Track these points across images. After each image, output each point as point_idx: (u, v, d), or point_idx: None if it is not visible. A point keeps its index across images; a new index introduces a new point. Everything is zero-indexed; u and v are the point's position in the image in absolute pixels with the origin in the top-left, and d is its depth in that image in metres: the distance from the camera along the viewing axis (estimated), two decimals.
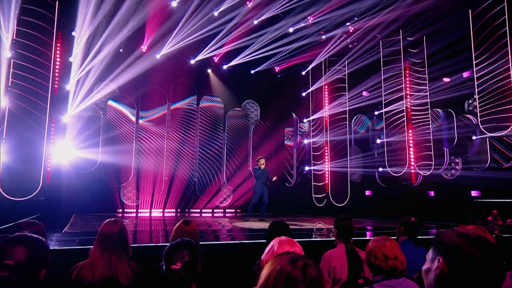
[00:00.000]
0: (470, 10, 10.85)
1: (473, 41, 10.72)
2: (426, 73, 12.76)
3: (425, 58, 12.73)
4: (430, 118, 12.76)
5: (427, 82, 12.75)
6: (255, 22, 12.04)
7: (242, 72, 14.88)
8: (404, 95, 12.95)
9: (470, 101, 12.83)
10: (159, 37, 12.51)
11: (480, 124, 10.52)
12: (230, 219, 11.70)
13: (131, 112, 13.47)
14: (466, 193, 12.61)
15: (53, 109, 10.13)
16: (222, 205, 14.94)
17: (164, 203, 13.68)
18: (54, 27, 9.98)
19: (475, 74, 10.62)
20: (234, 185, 15.00)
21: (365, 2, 11.46)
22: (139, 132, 13.55)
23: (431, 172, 12.65)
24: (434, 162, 12.56)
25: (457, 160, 13.61)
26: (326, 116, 14.37)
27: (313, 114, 15.01)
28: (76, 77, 11.59)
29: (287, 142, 16.35)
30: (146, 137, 13.61)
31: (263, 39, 12.90)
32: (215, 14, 11.56)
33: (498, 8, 10.11)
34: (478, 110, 10.54)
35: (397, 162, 13.02)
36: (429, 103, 12.72)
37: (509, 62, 9.76)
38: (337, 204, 13.81)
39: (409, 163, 12.83)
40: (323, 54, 13.92)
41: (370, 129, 15.37)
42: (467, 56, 11.08)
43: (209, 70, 14.87)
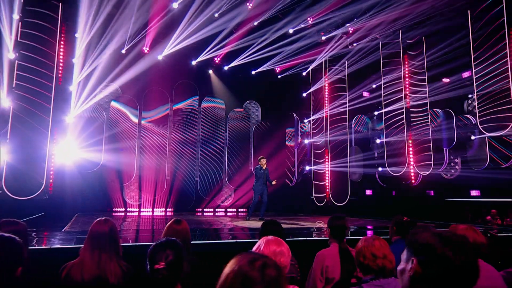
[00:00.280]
0: (469, 11, 10.77)
1: (472, 41, 10.64)
2: (426, 73, 12.68)
3: (424, 58, 12.66)
4: (429, 118, 12.67)
5: (427, 84, 12.67)
6: (256, 23, 11.99)
7: (243, 73, 14.84)
8: (403, 96, 12.88)
9: (470, 101, 12.75)
10: (161, 38, 12.49)
11: (479, 124, 10.44)
12: (231, 218, 11.67)
13: (134, 112, 13.46)
14: (466, 192, 12.53)
15: (56, 109, 10.12)
16: (224, 204, 14.91)
17: (166, 203, 13.66)
18: (57, 29, 10.00)
19: (474, 75, 10.54)
20: (236, 184, 14.97)
21: (364, 4, 11.40)
22: (142, 132, 13.54)
23: (431, 172, 12.57)
24: (433, 162, 12.47)
25: (456, 160, 13.54)
26: (327, 116, 14.29)
27: (313, 114, 14.94)
28: (79, 78, 11.60)
29: (288, 142, 16.32)
30: (148, 137, 13.60)
31: (264, 40, 12.86)
32: (216, 15, 11.52)
33: (497, 8, 10.03)
34: (477, 110, 10.46)
35: (396, 162, 12.94)
36: (428, 103, 12.64)
37: (507, 63, 9.68)
38: (337, 203, 13.74)
39: (408, 163, 12.75)
40: (324, 55, 13.85)
41: (370, 129, 15.31)
42: (467, 56, 11.01)
43: (210, 71, 14.85)
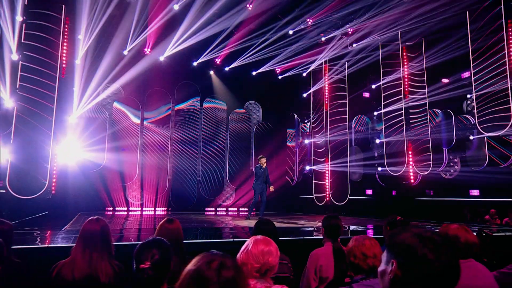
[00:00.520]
0: (468, 12, 10.71)
1: (470, 42, 10.58)
2: (425, 73, 12.63)
3: (423, 59, 12.60)
4: (428, 118, 12.61)
5: (426, 84, 12.61)
6: (255, 25, 11.96)
7: (244, 73, 14.81)
8: (403, 96, 12.81)
9: (469, 101, 12.67)
10: (162, 39, 12.49)
11: (477, 124, 10.37)
12: (233, 218, 11.64)
13: (136, 113, 13.46)
14: (465, 192, 12.46)
15: (59, 109, 10.13)
16: (225, 203, 14.89)
17: (168, 202, 13.65)
18: (60, 31, 10.02)
19: (473, 76, 10.48)
20: (237, 184, 14.95)
21: (362, 5, 11.37)
22: (144, 132, 13.53)
23: (430, 171, 12.51)
24: (432, 162, 12.41)
25: (455, 160, 13.47)
26: (327, 116, 14.24)
27: (314, 115, 14.89)
28: (81, 78, 11.61)
29: (289, 143, 16.29)
30: (150, 137, 13.59)
31: (264, 41, 12.83)
32: (216, 17, 11.51)
33: (496, 10, 9.98)
34: (476, 111, 10.40)
35: (396, 162, 12.89)
36: (427, 104, 12.58)
37: (506, 64, 9.62)
38: (337, 203, 13.69)
39: (407, 163, 12.69)
40: (324, 56, 13.81)
41: (370, 129, 15.25)
42: (466, 56, 10.95)
43: (211, 72, 14.82)
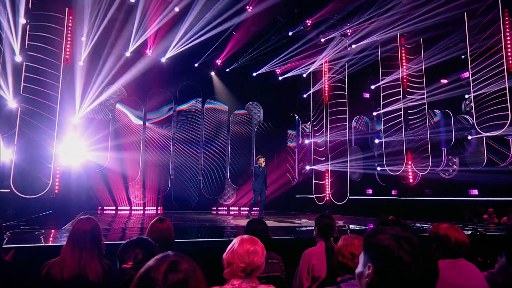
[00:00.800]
0: (466, 13, 10.63)
1: (468, 43, 10.51)
2: (424, 74, 12.56)
3: (422, 59, 12.53)
4: (427, 118, 12.54)
5: (424, 85, 12.55)
6: (254, 27, 11.94)
7: (245, 74, 14.79)
8: (402, 96, 12.74)
9: (467, 101, 12.59)
10: (164, 40, 12.48)
11: (475, 124, 10.30)
12: (233, 217, 11.62)
13: (138, 114, 13.46)
14: (464, 192, 12.38)
15: (62, 110, 10.16)
16: (226, 203, 14.88)
17: (169, 201, 13.63)
18: (63, 33, 10.06)
19: (471, 76, 10.42)
20: (238, 183, 14.92)
21: (361, 6, 11.32)
22: (146, 133, 13.53)
23: (429, 171, 12.43)
24: (431, 162, 12.33)
25: (454, 159, 13.39)
26: (327, 116, 14.19)
27: (314, 115, 14.85)
28: (84, 80, 11.64)
29: (290, 143, 16.25)
30: (152, 137, 13.59)
31: (264, 43, 12.80)
32: (216, 19, 11.46)
33: (494, 12, 9.92)
34: (474, 111, 10.33)
35: (394, 162, 12.82)
36: (426, 104, 12.51)
37: (503, 64, 9.56)
38: (337, 202, 13.63)
39: (406, 163, 12.62)
40: (323, 57, 13.77)
41: (369, 129, 15.19)
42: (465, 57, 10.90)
43: (212, 73, 14.82)
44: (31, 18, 9.63)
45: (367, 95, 14.98)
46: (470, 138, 11.88)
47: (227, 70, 14.57)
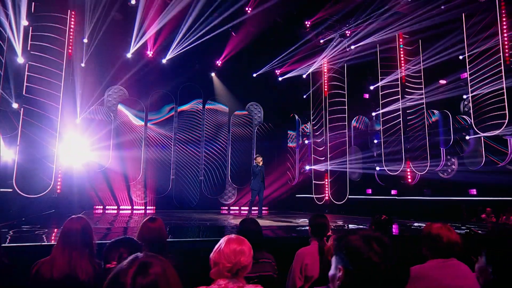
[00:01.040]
0: (464, 14, 10.57)
1: (466, 44, 10.45)
2: (422, 74, 12.49)
3: (421, 60, 12.46)
4: (425, 118, 12.47)
5: (423, 85, 12.48)
6: (254, 28, 11.90)
7: (245, 75, 14.74)
8: (400, 97, 12.67)
9: (466, 102, 12.51)
10: (165, 42, 12.47)
11: (474, 124, 10.24)
12: (234, 216, 11.58)
13: (140, 114, 13.44)
14: (463, 191, 12.30)
15: (64, 110, 10.15)
16: (227, 202, 14.83)
17: (171, 201, 13.61)
18: (65, 34, 10.06)
19: (469, 76, 10.36)
20: (239, 183, 14.88)
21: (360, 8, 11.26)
22: (147, 133, 13.52)
23: (427, 171, 12.35)
24: (430, 162, 12.25)
25: (453, 159, 13.32)
26: (327, 117, 14.14)
27: (314, 115, 14.79)
28: (86, 80, 11.65)
29: (290, 143, 16.20)
30: (154, 138, 13.57)
31: (264, 44, 12.76)
32: (216, 20, 11.42)
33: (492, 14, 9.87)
34: (472, 111, 10.26)
35: (393, 162, 12.75)
36: (424, 104, 12.44)
37: (501, 65, 9.50)
38: (336, 202, 13.57)
39: (404, 163, 12.55)
40: (322, 57, 13.72)
41: (369, 129, 15.13)
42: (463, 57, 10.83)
43: (212, 74, 14.79)
44: (34, 20, 9.64)
45: (367, 96, 14.91)
46: (468, 138, 11.80)
47: (228, 71, 14.51)
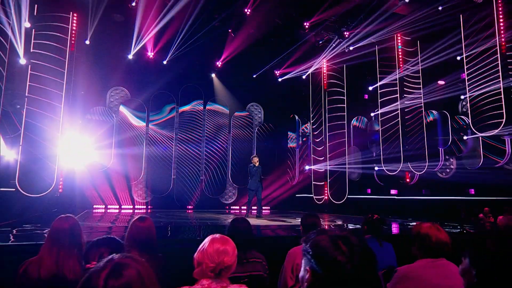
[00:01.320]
0: (461, 16, 10.51)
1: (464, 44, 10.39)
2: (420, 75, 12.42)
3: (419, 60, 12.39)
4: (423, 118, 12.41)
5: (421, 86, 12.41)
6: (253, 29, 11.86)
7: (246, 76, 14.69)
8: (399, 97, 12.60)
9: (464, 102, 12.43)
10: (165, 43, 12.45)
11: (471, 124, 10.16)
12: (235, 215, 11.53)
13: (141, 115, 13.43)
14: (461, 191, 12.23)
15: (66, 110, 10.15)
16: (228, 202, 14.79)
17: (172, 200, 13.58)
18: (68, 36, 10.08)
19: (467, 77, 10.29)
20: (239, 183, 14.82)
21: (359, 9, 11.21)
22: (149, 133, 13.50)
23: (426, 171, 12.28)
24: (428, 162, 12.17)
25: (451, 159, 13.25)
26: (327, 117, 14.08)
27: (314, 116, 14.73)
28: (88, 81, 11.65)
29: (290, 144, 16.15)
30: (155, 138, 13.55)
31: (263, 45, 12.72)
32: (216, 22, 11.40)
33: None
34: (469, 111, 10.20)
35: (391, 161, 12.69)
36: (423, 104, 12.37)
37: (498, 66, 9.43)
38: (336, 201, 13.50)
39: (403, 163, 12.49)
40: (322, 58, 13.66)
41: (368, 129, 15.07)
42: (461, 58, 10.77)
43: (213, 75, 14.76)
44: (36, 21, 9.65)
45: (366, 96, 14.86)
46: (465, 138, 11.73)
47: (228, 72, 14.47)
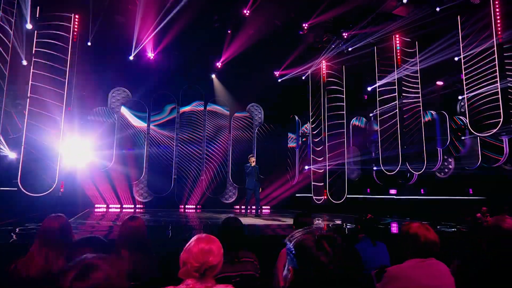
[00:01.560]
0: (459, 17, 10.44)
1: (461, 45, 10.33)
2: (419, 75, 12.36)
3: (417, 61, 12.34)
4: (422, 117, 12.35)
5: (419, 86, 12.35)
6: (253, 30, 11.84)
7: (246, 76, 14.63)
8: (397, 97, 12.54)
9: (462, 103, 12.37)
10: (166, 44, 12.45)
11: (469, 125, 10.11)
12: (235, 214, 11.52)
13: (142, 115, 13.44)
14: (459, 190, 12.17)
15: (68, 110, 10.17)
16: (228, 202, 14.77)
17: (173, 200, 13.57)
18: (69, 36, 10.11)
19: (464, 78, 10.24)
20: (240, 183, 14.79)
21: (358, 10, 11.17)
22: (150, 134, 13.50)
23: (424, 170, 12.22)
24: (426, 162, 12.11)
25: (450, 159, 13.19)
26: (326, 117, 14.03)
27: (313, 116, 14.69)
28: (90, 82, 11.69)
29: (290, 143, 16.12)
30: (156, 138, 13.55)
31: (263, 45, 12.70)
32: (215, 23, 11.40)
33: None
34: (467, 111, 10.14)
35: (390, 161, 12.63)
36: (421, 105, 12.31)
37: (496, 66, 9.38)
38: (335, 201, 13.46)
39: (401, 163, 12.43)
40: (321, 58, 13.63)
41: (367, 129, 15.03)
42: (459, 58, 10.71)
43: (213, 75, 14.75)
44: (38, 23, 9.69)
45: (365, 96, 14.82)
46: (463, 138, 11.68)
47: (228, 72, 14.46)
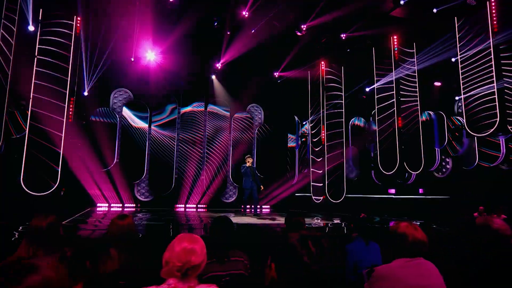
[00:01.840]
0: (456, 18, 10.39)
1: (459, 46, 10.28)
2: (417, 75, 12.30)
3: (415, 61, 12.28)
4: (419, 117, 12.30)
5: (417, 86, 12.30)
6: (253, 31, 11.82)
7: (246, 77, 14.61)
8: (395, 98, 12.48)
9: (459, 103, 12.32)
10: (165, 44, 12.44)
11: (466, 125, 10.05)
12: (236, 214, 11.52)
13: (144, 116, 13.43)
14: (457, 190, 12.13)
15: (70, 111, 10.18)
16: (228, 201, 14.74)
17: (173, 199, 13.57)
18: (71, 37, 10.12)
19: (461, 78, 10.19)
20: (239, 183, 14.76)
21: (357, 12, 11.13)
22: (151, 134, 13.49)
23: (422, 170, 12.16)
24: (424, 162, 12.05)
25: (447, 159, 13.16)
26: (325, 117, 13.98)
27: (312, 116, 14.64)
28: (92, 82, 11.69)
29: (290, 143, 16.08)
30: (157, 138, 13.54)
31: (262, 45, 12.67)
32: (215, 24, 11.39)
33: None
34: (464, 112, 10.09)
35: (389, 161, 12.57)
36: (419, 105, 12.26)
37: (492, 66, 9.33)
38: (333, 201, 13.40)
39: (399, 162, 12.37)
40: (321, 59, 13.59)
41: (366, 129, 14.98)
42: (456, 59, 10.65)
43: (213, 76, 14.74)
44: (40, 25, 9.70)
45: (364, 96, 14.79)
46: (461, 138, 11.64)
47: (228, 73, 14.43)
